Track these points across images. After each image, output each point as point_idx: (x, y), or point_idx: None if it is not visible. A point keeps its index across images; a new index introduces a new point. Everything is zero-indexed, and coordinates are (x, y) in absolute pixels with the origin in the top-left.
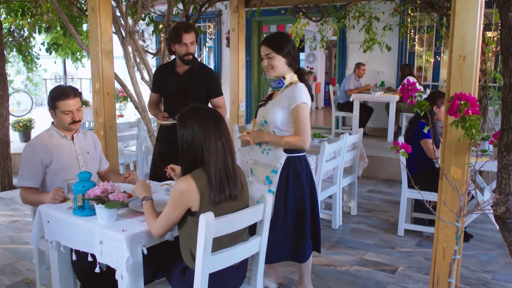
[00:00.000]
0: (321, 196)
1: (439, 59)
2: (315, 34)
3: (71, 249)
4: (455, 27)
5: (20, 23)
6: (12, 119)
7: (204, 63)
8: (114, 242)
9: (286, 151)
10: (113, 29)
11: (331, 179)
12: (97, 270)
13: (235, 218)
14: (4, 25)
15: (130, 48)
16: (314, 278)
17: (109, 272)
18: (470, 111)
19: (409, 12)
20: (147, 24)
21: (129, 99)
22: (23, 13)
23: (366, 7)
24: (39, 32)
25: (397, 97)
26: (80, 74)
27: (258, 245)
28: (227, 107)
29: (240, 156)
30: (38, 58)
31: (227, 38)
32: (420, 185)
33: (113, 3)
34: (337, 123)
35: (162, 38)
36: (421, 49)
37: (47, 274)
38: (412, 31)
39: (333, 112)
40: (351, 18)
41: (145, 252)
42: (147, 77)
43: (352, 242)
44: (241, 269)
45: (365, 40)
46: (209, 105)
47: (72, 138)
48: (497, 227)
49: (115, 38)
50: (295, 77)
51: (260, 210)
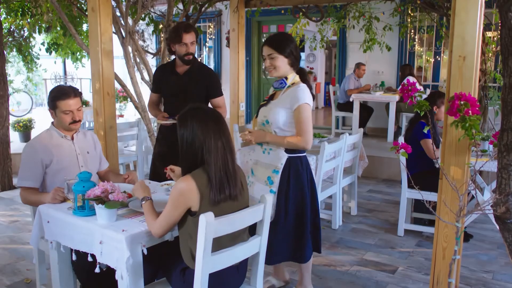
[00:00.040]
0: (321, 196)
1: (439, 59)
2: (315, 34)
3: (71, 249)
4: (455, 27)
5: (20, 23)
6: (12, 119)
7: (204, 63)
8: (114, 242)
9: (287, 151)
10: (113, 29)
11: (331, 179)
12: (97, 270)
13: (235, 218)
14: (4, 25)
15: (130, 48)
16: (314, 278)
17: (109, 272)
18: (470, 111)
19: (409, 12)
20: (147, 24)
21: (129, 99)
22: (23, 13)
23: (366, 7)
24: (39, 32)
25: (397, 97)
26: (80, 74)
27: (258, 245)
28: (227, 107)
29: (240, 156)
30: (38, 58)
31: (227, 38)
32: (420, 185)
33: (113, 3)
34: (337, 123)
35: (162, 38)
36: (421, 49)
37: (47, 274)
38: (412, 31)
39: (333, 112)
40: (351, 18)
41: (145, 252)
42: (147, 77)
43: (352, 242)
44: (241, 269)
45: (365, 40)
46: (209, 105)
47: (72, 138)
48: (497, 227)
49: (115, 38)
50: (297, 78)
51: (260, 210)
